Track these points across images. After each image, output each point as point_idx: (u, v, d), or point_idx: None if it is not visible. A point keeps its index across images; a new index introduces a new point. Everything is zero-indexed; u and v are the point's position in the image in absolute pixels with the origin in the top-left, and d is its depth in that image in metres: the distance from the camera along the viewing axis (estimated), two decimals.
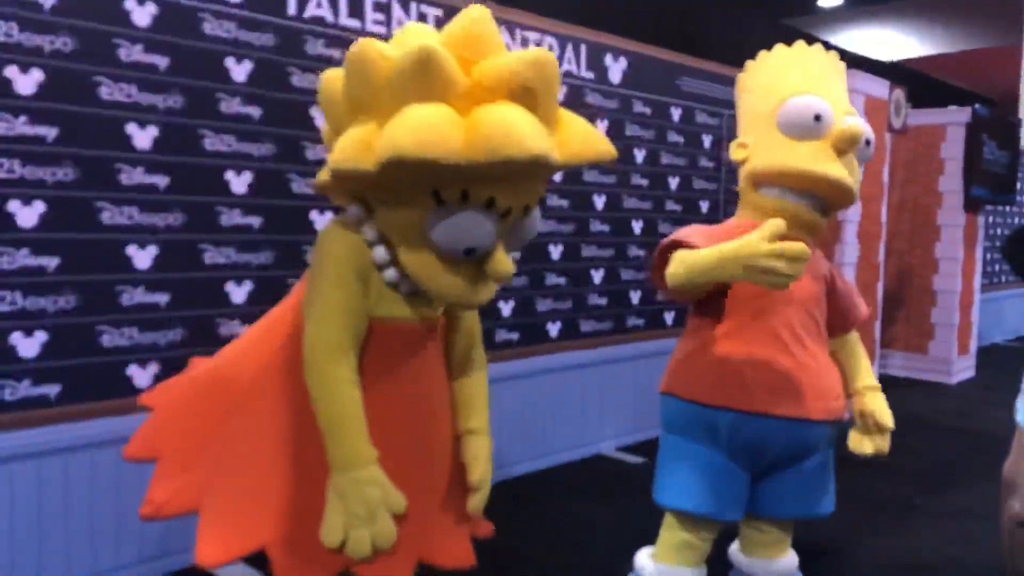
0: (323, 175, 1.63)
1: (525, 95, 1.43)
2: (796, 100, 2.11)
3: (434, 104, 1.40)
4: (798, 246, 1.70)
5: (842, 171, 2.06)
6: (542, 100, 1.45)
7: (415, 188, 1.48)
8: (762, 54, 2.33)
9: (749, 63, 2.36)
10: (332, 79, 1.59)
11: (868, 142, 2.13)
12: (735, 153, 2.23)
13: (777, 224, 1.74)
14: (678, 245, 2.00)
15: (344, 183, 1.60)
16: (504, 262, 1.56)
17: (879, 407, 2.26)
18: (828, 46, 2.35)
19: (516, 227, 1.59)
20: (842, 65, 2.31)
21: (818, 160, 2.06)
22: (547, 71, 1.44)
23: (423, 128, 1.36)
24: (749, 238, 1.74)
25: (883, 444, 2.28)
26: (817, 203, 2.13)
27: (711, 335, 2.11)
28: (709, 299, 2.14)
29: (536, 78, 1.43)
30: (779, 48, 2.30)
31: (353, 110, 1.52)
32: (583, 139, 1.57)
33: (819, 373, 2.11)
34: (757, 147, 2.17)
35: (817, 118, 2.07)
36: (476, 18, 1.50)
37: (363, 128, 1.47)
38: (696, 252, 1.90)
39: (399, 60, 1.41)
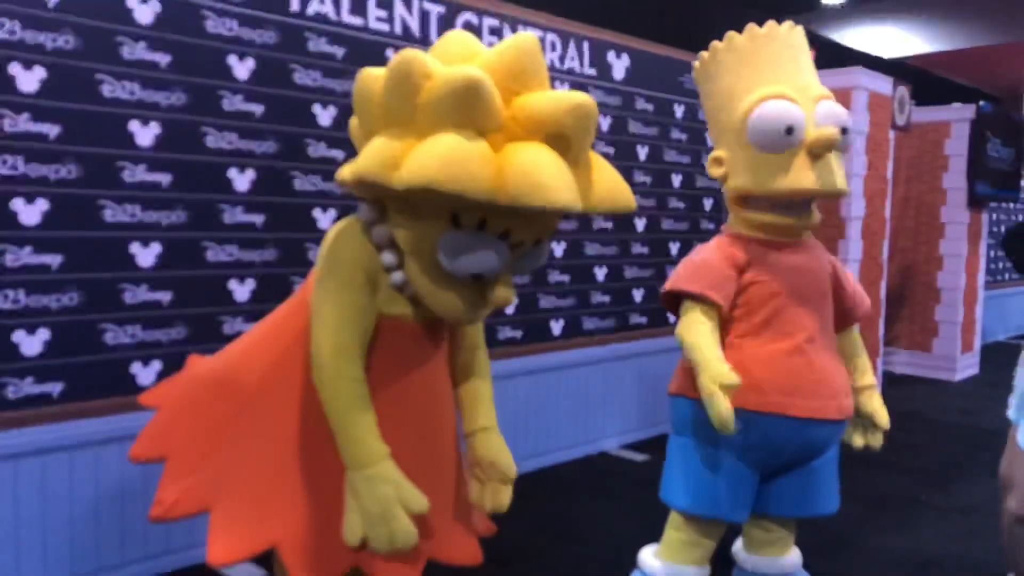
0: (345, 171, 1.62)
1: (559, 140, 1.44)
2: (763, 111, 2.03)
3: (469, 136, 1.39)
4: (726, 414, 1.84)
5: (816, 182, 2.01)
6: (575, 145, 1.47)
7: (435, 207, 1.49)
8: (715, 46, 2.20)
9: (703, 55, 2.23)
10: (370, 79, 1.57)
11: (844, 130, 2.04)
12: (712, 170, 2.19)
13: (734, 382, 1.86)
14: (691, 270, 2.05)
15: (365, 187, 1.59)
16: (507, 290, 1.59)
17: (879, 408, 2.30)
18: (828, 41, 2.28)
19: (525, 256, 1.60)
20: (802, 37, 2.20)
21: (794, 176, 2.01)
22: (585, 119, 1.45)
23: (456, 162, 1.36)
24: (718, 379, 1.86)
25: (875, 440, 2.32)
26: (804, 207, 2.11)
27: (723, 337, 2.10)
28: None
29: (574, 126, 1.44)
30: (731, 38, 2.17)
31: (387, 118, 1.51)
32: (608, 189, 1.58)
33: (831, 371, 2.10)
34: (732, 164, 2.13)
35: (789, 131, 2.00)
36: (526, 49, 1.49)
37: (394, 143, 1.45)
38: (696, 345, 1.97)
39: (443, 84, 1.39)
